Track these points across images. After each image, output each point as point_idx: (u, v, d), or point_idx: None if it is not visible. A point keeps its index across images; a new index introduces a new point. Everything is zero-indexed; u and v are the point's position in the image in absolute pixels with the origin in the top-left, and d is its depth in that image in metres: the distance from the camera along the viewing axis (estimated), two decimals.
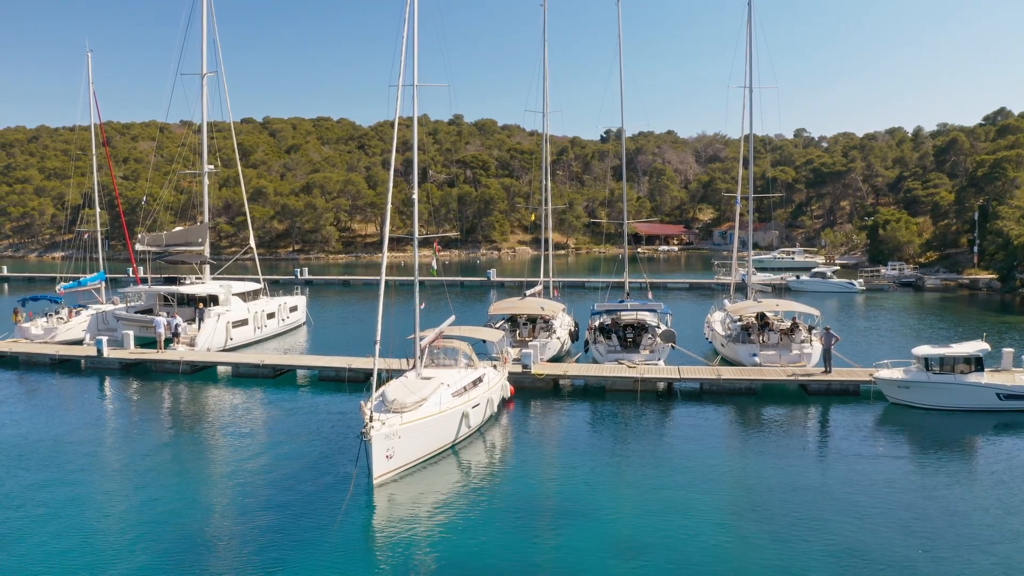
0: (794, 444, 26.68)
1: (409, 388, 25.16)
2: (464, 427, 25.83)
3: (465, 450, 25.84)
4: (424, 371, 28.09)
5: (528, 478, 23.40)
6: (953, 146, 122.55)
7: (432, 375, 27.38)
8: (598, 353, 37.77)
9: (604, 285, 66.07)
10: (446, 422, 24.76)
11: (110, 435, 28.25)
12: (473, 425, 26.66)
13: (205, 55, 47.60)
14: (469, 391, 26.88)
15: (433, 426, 24.10)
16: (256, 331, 46.38)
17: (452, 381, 26.85)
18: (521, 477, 23.49)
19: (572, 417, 30.28)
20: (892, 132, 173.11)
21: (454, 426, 25.26)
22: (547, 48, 48.17)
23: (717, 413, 30.69)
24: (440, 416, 24.36)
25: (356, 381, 34.40)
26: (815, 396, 32.92)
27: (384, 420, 22.68)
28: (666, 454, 25.66)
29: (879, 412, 30.77)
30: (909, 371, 31.67)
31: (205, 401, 33.25)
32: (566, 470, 24.12)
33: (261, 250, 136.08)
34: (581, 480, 23.22)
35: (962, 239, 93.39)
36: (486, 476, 23.62)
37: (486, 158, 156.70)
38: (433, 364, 29.41)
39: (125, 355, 39.88)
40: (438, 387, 25.77)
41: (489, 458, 25.30)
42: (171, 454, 25.94)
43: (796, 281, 76.17)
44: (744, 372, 34.14)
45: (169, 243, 46.91)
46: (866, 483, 22.85)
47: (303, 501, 21.37)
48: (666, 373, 33.99)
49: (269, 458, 25.18)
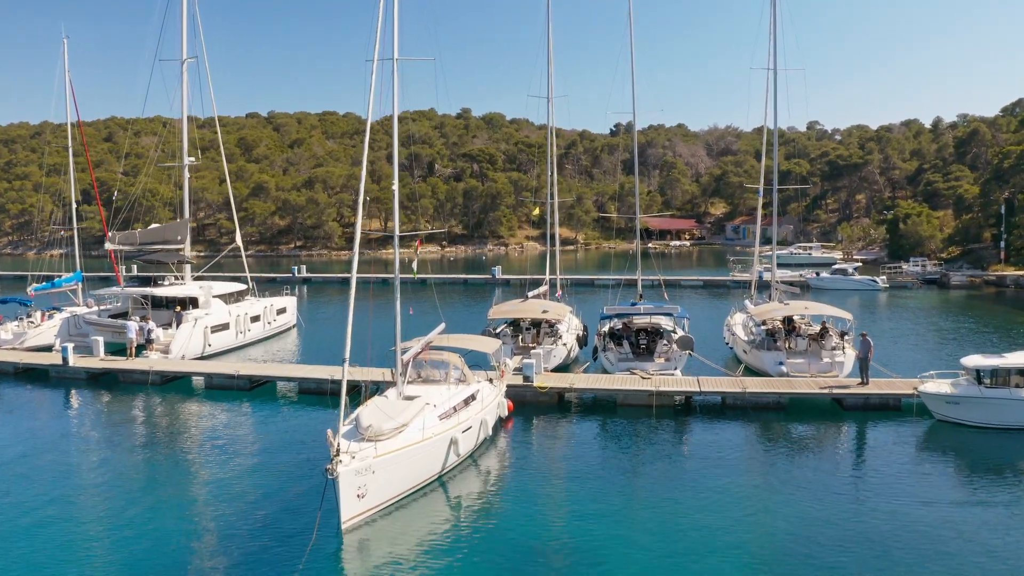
0: (831, 471, 23.15)
1: (387, 411, 21.64)
2: (453, 455, 22.35)
3: (454, 482, 22.39)
4: (408, 388, 24.56)
5: (527, 516, 19.96)
6: (975, 137, 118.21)
7: (417, 393, 23.89)
8: (608, 362, 34.30)
9: (615, 283, 62.63)
10: (431, 451, 21.29)
11: (59, 457, 25.00)
12: (464, 452, 23.16)
13: (185, 39, 44.33)
14: (460, 412, 23.40)
15: (415, 457, 20.63)
16: (238, 336, 43.02)
17: (440, 400, 23.36)
18: (518, 515, 20.05)
19: (579, 438, 26.77)
20: (908, 124, 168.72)
21: (441, 455, 21.80)
22: (551, 29, 44.58)
23: (742, 432, 27.17)
24: (424, 444, 20.89)
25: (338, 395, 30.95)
26: (851, 412, 29.36)
27: (355, 452, 19.26)
28: (685, 485, 22.14)
29: (924, 431, 27.21)
30: (958, 384, 28.11)
31: (170, 418, 29.90)
32: (571, 505, 20.66)
33: (262, 247, 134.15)
34: (588, 517, 19.79)
35: (985, 233, 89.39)
36: (477, 514, 20.18)
37: (493, 151, 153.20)
38: (419, 379, 25.78)
39: (93, 364, 36.69)
40: (422, 408, 22.33)
41: (482, 491, 21.85)
42: (115, 484, 22.56)
43: (816, 279, 72.34)
44: (771, 384, 30.57)
45: (144, 241, 43.51)
46: (913, 519, 19.45)
47: (260, 549, 17.99)
48: (684, 386, 30.44)
49: (228, 491, 21.82)
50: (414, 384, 25.14)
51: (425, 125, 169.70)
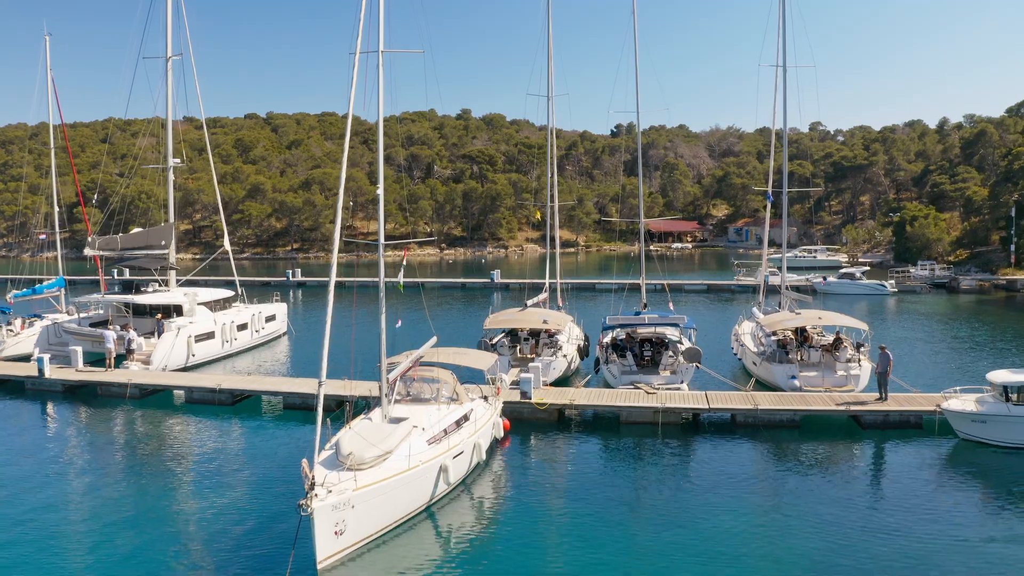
0: (849, 497, 21.40)
1: (370, 436, 19.80)
2: (442, 483, 20.55)
3: (443, 512, 20.57)
4: (395, 408, 22.71)
5: (522, 549, 18.20)
6: (982, 138, 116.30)
7: (404, 414, 22.06)
8: (611, 374, 32.51)
9: (617, 287, 60.77)
10: (418, 481, 19.47)
11: (24, 475, 23.25)
12: (454, 479, 21.33)
13: (170, 35, 42.62)
14: (451, 435, 21.56)
15: (400, 487, 18.80)
16: (224, 345, 41.21)
17: (429, 422, 21.55)
18: (513, 548, 18.29)
19: (579, 460, 24.95)
20: (912, 125, 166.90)
21: (429, 484, 19.98)
22: (551, 24, 42.78)
23: (753, 453, 25.39)
24: (410, 474, 19.06)
25: (327, 410, 29.10)
26: (869, 430, 27.57)
27: (333, 485, 17.47)
28: (692, 513, 20.36)
29: (948, 451, 25.44)
30: (983, 401, 26.32)
31: (145, 436, 28.11)
32: (569, 536, 18.90)
33: (259, 249, 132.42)
34: (587, 549, 18.09)
35: (993, 236, 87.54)
36: (468, 548, 18.39)
37: (493, 153, 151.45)
38: (407, 398, 23.85)
39: (70, 375, 34.92)
40: (409, 432, 20.54)
41: (474, 521, 20.05)
42: (77, 509, 20.79)
43: (823, 284, 70.37)
44: (784, 400, 28.76)
45: (125, 247, 41.62)
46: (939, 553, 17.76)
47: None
48: (692, 402, 28.62)
49: (196, 521, 20.03)
50: (402, 404, 23.29)
51: (424, 126, 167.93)
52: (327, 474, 18.02)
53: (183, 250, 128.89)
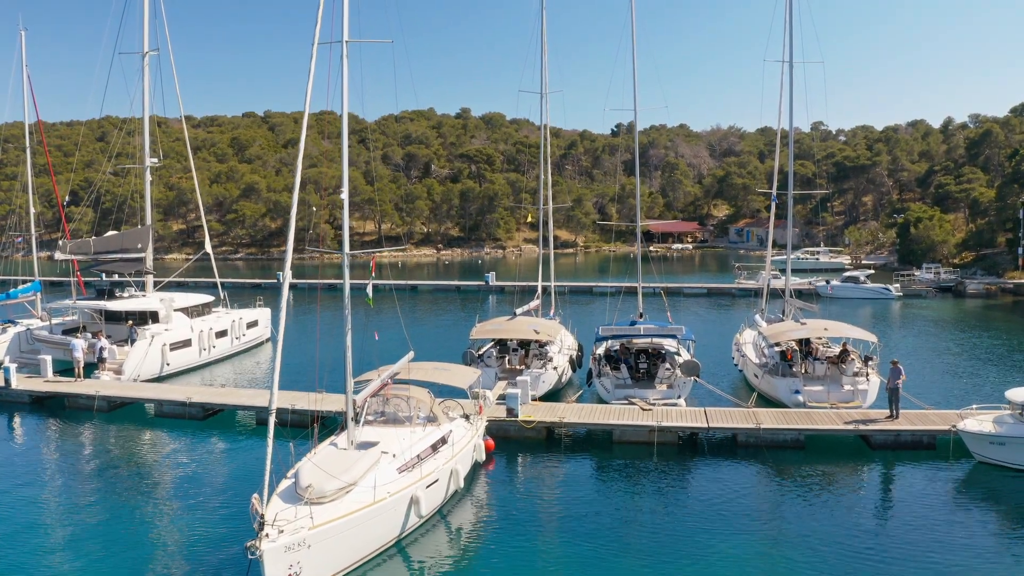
0: (858, 525, 19.67)
1: (333, 466, 17.93)
2: (413, 516, 18.71)
3: (416, 545, 18.77)
4: (364, 432, 20.78)
5: None
6: (987, 138, 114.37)
7: (375, 438, 20.16)
8: (604, 388, 30.72)
9: (614, 290, 58.98)
10: (385, 515, 17.64)
11: None
12: (428, 511, 19.42)
13: (147, 30, 40.81)
14: (425, 461, 19.72)
15: (364, 523, 16.99)
16: (202, 353, 39.42)
17: (401, 448, 19.70)
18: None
19: (568, 485, 23.12)
20: (914, 125, 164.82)
21: (398, 518, 18.16)
22: (544, 18, 40.94)
23: (755, 476, 23.61)
24: (376, 508, 17.23)
25: (300, 426, 27.33)
26: (879, 451, 25.78)
27: (286, 523, 15.67)
28: (690, 542, 18.57)
29: (964, 475, 23.66)
30: (1002, 421, 24.56)
31: (108, 453, 26.33)
32: (556, 570, 17.16)
33: (253, 249, 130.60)
34: None
35: (999, 238, 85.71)
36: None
37: (491, 152, 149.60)
38: (380, 419, 21.87)
39: (37, 386, 33.20)
40: (378, 460, 18.71)
41: (450, 554, 18.25)
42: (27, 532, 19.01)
43: (826, 287, 68.40)
44: (789, 419, 26.93)
45: (99, 250, 39.83)
46: None
47: None
48: (690, 420, 26.79)
49: (145, 552, 18.25)
50: (374, 425, 21.39)
51: (423, 125, 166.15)
52: (282, 509, 16.24)
53: (176, 250, 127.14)
